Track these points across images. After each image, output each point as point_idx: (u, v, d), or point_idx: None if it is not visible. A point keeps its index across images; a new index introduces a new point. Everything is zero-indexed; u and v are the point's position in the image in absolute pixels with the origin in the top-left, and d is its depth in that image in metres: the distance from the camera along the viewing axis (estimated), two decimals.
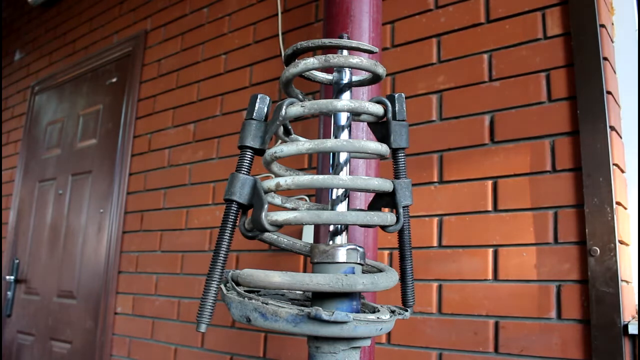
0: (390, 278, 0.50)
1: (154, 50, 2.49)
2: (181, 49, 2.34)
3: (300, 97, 0.58)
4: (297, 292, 0.58)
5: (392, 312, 0.52)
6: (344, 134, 0.54)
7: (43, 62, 3.32)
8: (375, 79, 0.56)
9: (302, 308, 0.46)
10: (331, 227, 0.53)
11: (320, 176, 0.49)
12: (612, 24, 1.38)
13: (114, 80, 2.70)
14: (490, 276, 1.31)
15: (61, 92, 3.10)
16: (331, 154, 0.54)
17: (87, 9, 3.02)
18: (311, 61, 0.53)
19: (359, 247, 0.50)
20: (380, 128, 0.55)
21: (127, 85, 2.56)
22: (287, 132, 0.55)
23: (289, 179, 0.49)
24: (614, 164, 1.20)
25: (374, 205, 0.55)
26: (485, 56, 1.43)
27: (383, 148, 0.52)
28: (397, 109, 0.53)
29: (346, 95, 0.56)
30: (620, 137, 1.30)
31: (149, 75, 2.48)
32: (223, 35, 2.16)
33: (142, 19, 2.61)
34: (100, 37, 2.86)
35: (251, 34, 2.05)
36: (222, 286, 0.50)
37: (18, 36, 3.68)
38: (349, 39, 0.69)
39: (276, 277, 0.47)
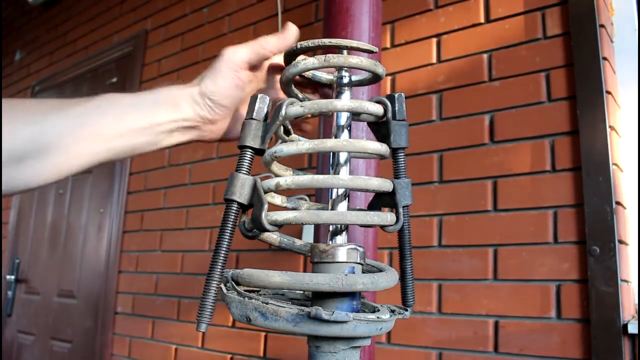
0: (390, 278, 0.50)
1: (154, 50, 2.50)
2: (181, 49, 2.34)
3: (300, 96, 0.58)
4: (297, 291, 0.58)
5: (392, 311, 0.52)
6: (344, 134, 0.54)
7: (43, 62, 3.32)
8: (375, 78, 0.56)
9: (302, 308, 0.46)
10: (331, 227, 0.53)
11: (321, 176, 0.49)
12: (612, 24, 1.38)
13: (114, 80, 2.70)
14: (490, 276, 1.32)
15: (61, 92, 3.10)
16: (331, 153, 0.54)
17: (88, 8, 3.02)
18: (311, 61, 0.53)
19: (359, 246, 0.50)
20: (380, 128, 0.55)
21: (128, 85, 2.56)
22: (287, 132, 0.55)
23: (289, 179, 0.49)
24: (613, 164, 1.20)
25: (374, 205, 0.55)
26: (485, 56, 1.43)
27: (383, 148, 0.52)
28: (397, 108, 0.53)
29: (346, 95, 0.56)
30: (620, 137, 1.30)
31: (149, 75, 2.48)
32: (223, 35, 2.16)
33: (142, 18, 2.61)
34: (100, 37, 2.87)
35: (251, 33, 2.05)
36: (222, 286, 0.50)
37: (18, 36, 3.68)
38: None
39: (276, 277, 0.47)
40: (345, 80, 0.55)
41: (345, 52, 0.54)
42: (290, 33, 0.56)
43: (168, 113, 0.54)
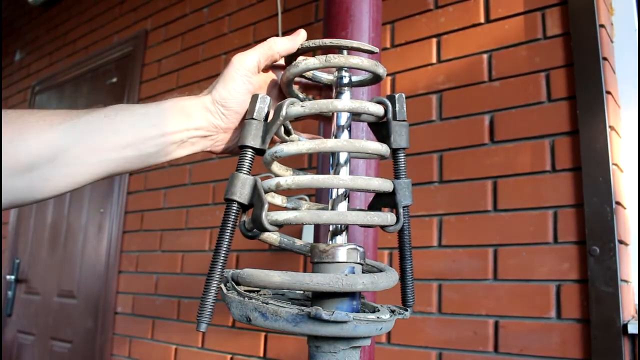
0: (390, 278, 0.50)
1: (154, 50, 2.50)
2: (181, 49, 2.34)
3: (301, 97, 0.58)
4: (297, 291, 0.58)
5: (392, 311, 0.52)
6: (344, 134, 0.54)
7: (43, 62, 3.32)
8: (375, 79, 0.56)
9: (302, 308, 0.46)
10: (331, 227, 0.53)
11: (321, 176, 0.49)
12: (612, 24, 1.38)
13: (114, 80, 2.70)
14: (490, 276, 1.32)
15: (61, 92, 3.10)
16: (331, 154, 0.54)
17: (88, 8, 3.02)
18: (312, 61, 0.53)
19: (359, 246, 0.50)
20: (380, 128, 0.55)
21: (128, 85, 2.56)
22: (287, 132, 0.55)
23: (289, 179, 0.49)
24: (613, 164, 1.20)
25: (374, 205, 0.55)
26: (485, 56, 1.43)
27: (383, 148, 0.52)
28: (397, 109, 0.53)
29: (346, 95, 0.56)
30: (620, 137, 1.30)
31: (149, 75, 2.48)
32: (223, 35, 2.16)
33: (142, 18, 2.61)
34: (100, 37, 2.87)
35: (251, 34, 2.05)
36: (222, 286, 0.50)
37: (18, 36, 3.68)
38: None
39: (276, 277, 0.47)
40: (346, 80, 0.55)
41: (345, 52, 0.54)
42: (300, 37, 0.56)
43: (180, 122, 0.54)
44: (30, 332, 2.80)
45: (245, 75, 0.54)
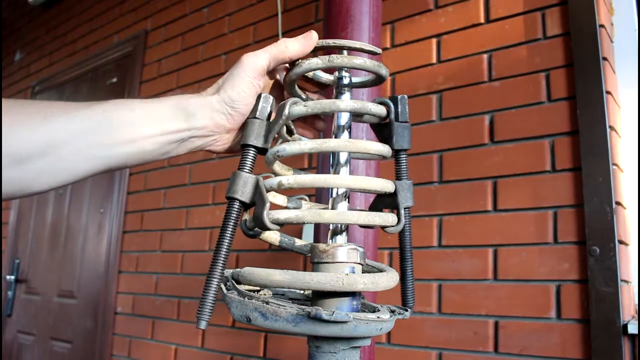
0: (390, 278, 0.50)
1: (154, 51, 2.50)
2: (181, 49, 2.34)
3: (303, 96, 0.58)
4: (297, 292, 0.58)
5: (392, 311, 0.52)
6: (345, 134, 0.54)
7: (43, 62, 3.32)
8: (378, 80, 0.56)
9: (302, 307, 0.46)
10: (331, 227, 0.53)
11: (323, 175, 0.49)
12: (612, 24, 1.38)
13: (114, 80, 2.70)
14: (490, 276, 1.32)
15: (61, 92, 3.10)
16: (332, 153, 0.54)
17: (88, 9, 3.02)
18: (315, 61, 0.53)
19: (360, 246, 0.50)
20: (382, 129, 0.55)
21: (127, 86, 2.56)
22: (289, 132, 0.55)
23: (291, 178, 0.49)
24: (613, 164, 1.21)
25: (375, 206, 0.55)
26: (485, 56, 1.43)
27: (385, 149, 0.52)
28: (399, 110, 0.54)
29: (347, 95, 0.56)
30: (620, 137, 1.30)
31: (149, 75, 2.48)
32: (223, 35, 2.17)
33: (142, 19, 2.61)
34: (100, 37, 2.87)
35: (251, 34, 2.05)
36: (222, 285, 0.50)
37: (18, 36, 3.68)
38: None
39: (277, 276, 0.47)
40: (346, 80, 0.55)
41: (345, 52, 0.54)
42: (312, 40, 0.54)
43: (182, 122, 0.53)
44: (30, 332, 2.80)
45: (255, 78, 0.53)
